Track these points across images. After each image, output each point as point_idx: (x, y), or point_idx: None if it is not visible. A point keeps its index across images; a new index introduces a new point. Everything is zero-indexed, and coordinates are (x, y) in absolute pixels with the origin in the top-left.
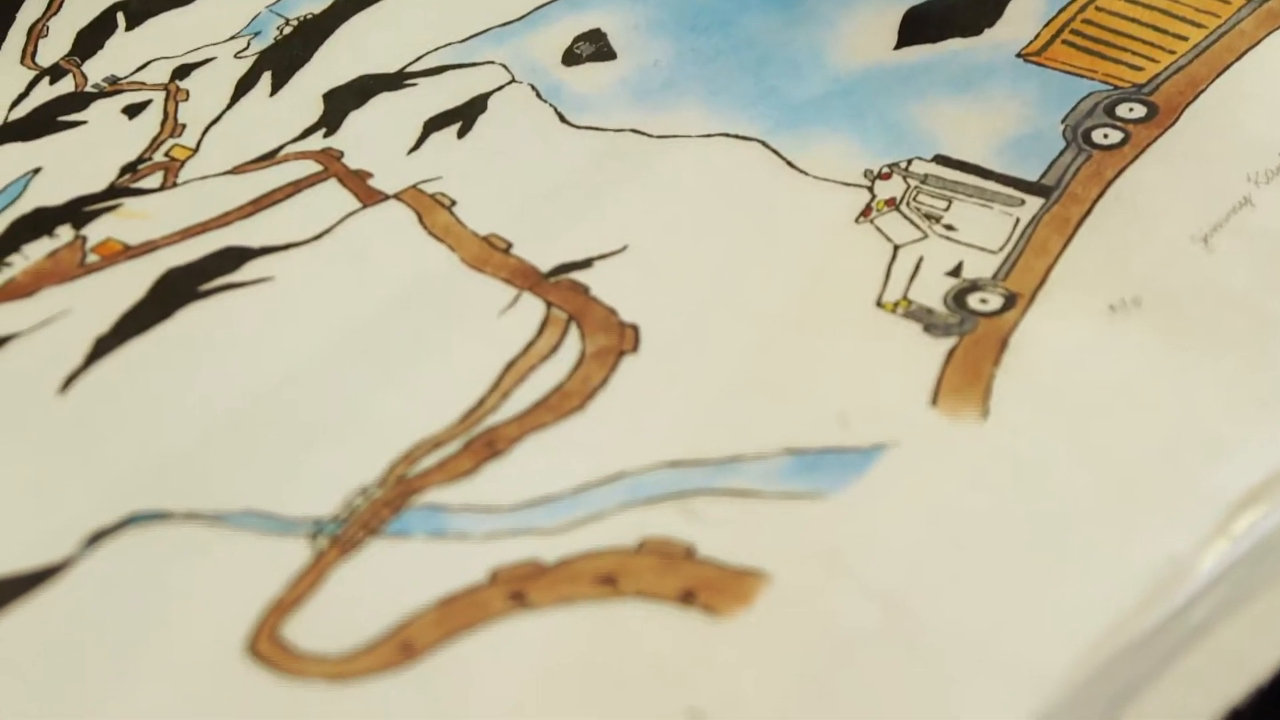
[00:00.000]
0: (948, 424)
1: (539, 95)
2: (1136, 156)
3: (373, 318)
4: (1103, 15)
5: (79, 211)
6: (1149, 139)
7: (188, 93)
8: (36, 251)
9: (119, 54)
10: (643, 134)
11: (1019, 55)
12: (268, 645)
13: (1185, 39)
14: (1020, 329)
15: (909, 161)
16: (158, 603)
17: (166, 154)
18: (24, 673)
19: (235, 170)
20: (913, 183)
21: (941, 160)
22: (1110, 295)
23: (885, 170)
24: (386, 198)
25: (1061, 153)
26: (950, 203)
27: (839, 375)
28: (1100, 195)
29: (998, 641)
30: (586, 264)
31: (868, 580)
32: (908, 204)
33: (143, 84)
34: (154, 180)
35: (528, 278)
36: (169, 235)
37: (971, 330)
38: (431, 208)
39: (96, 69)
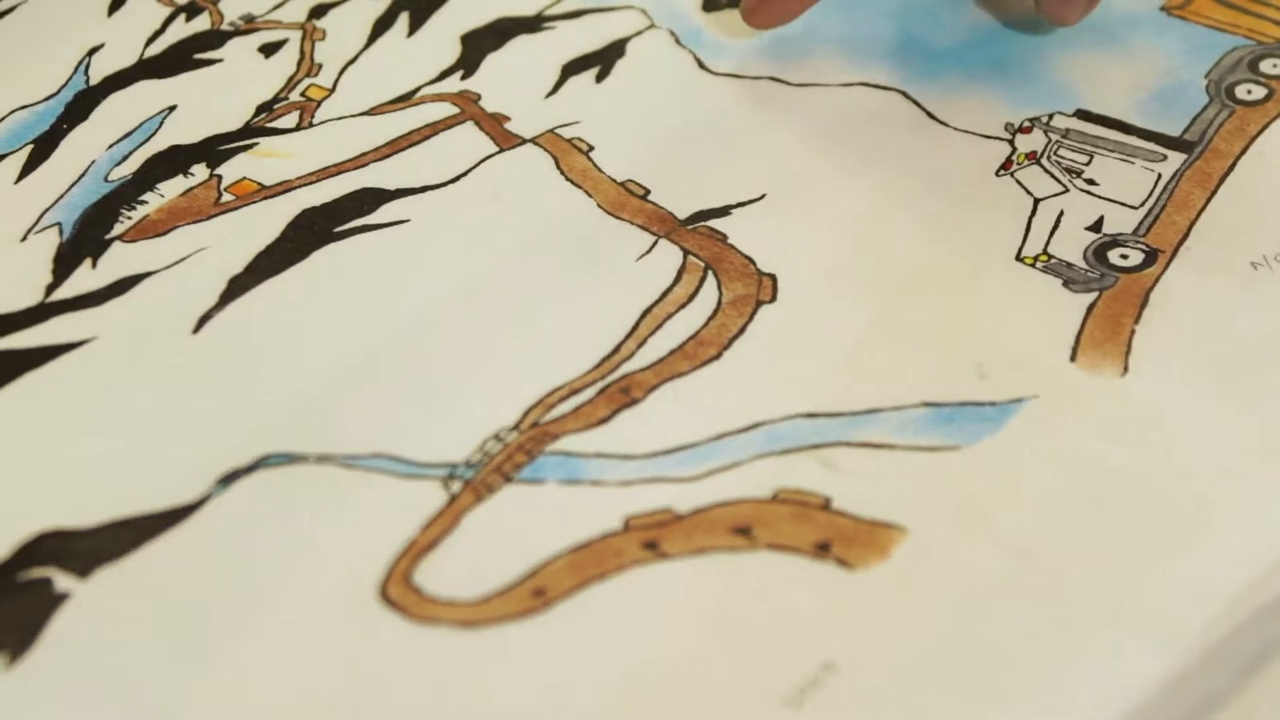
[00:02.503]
0: (1087, 379)
1: (678, 41)
2: None
3: (509, 262)
4: None
5: (214, 150)
6: None
7: (324, 32)
8: (172, 190)
9: None
10: (782, 81)
11: (1162, 9)
12: (399, 589)
13: None
14: (1161, 284)
15: (1050, 116)
16: (289, 545)
17: (303, 93)
18: (156, 609)
19: (372, 111)
20: (1054, 137)
21: (1083, 115)
22: (1252, 252)
23: (1026, 124)
24: (524, 141)
25: (1204, 108)
26: (1092, 157)
27: (977, 328)
28: (1243, 151)
29: (1134, 597)
30: (724, 211)
31: (1004, 534)
32: (1049, 158)
33: (279, 22)
34: (290, 120)
35: (665, 224)
36: (305, 175)
37: (1112, 285)
38: (569, 152)
39: (233, 7)
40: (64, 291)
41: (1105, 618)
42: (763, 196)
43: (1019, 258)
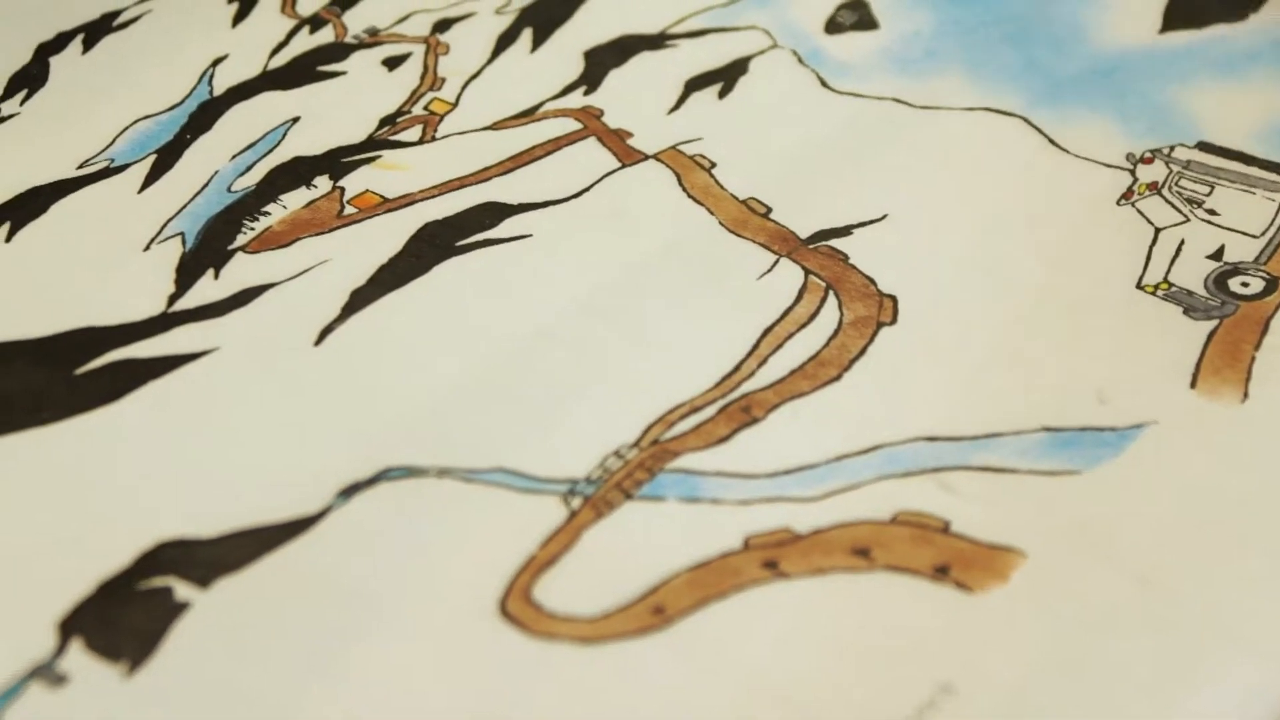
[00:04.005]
0: (1207, 405)
1: (800, 60)
2: None
3: (630, 278)
4: None
5: (337, 162)
6: None
7: (448, 46)
8: (294, 201)
9: (379, 5)
10: (904, 103)
11: None
12: (519, 605)
13: None
14: None
15: (1171, 148)
16: (409, 558)
17: (426, 107)
18: (275, 621)
19: (494, 126)
20: (1175, 168)
21: (1205, 147)
22: None
23: (1147, 155)
24: (646, 157)
25: None
26: (1213, 189)
27: (1098, 354)
28: None
29: (1253, 625)
30: (846, 231)
31: (1124, 559)
32: (1170, 189)
33: (403, 36)
34: (413, 133)
35: (787, 243)
36: (427, 189)
37: (1232, 313)
38: (691, 169)
39: (357, 20)
40: (186, 302)
41: (1225, 644)
42: (884, 217)
43: (1139, 285)
